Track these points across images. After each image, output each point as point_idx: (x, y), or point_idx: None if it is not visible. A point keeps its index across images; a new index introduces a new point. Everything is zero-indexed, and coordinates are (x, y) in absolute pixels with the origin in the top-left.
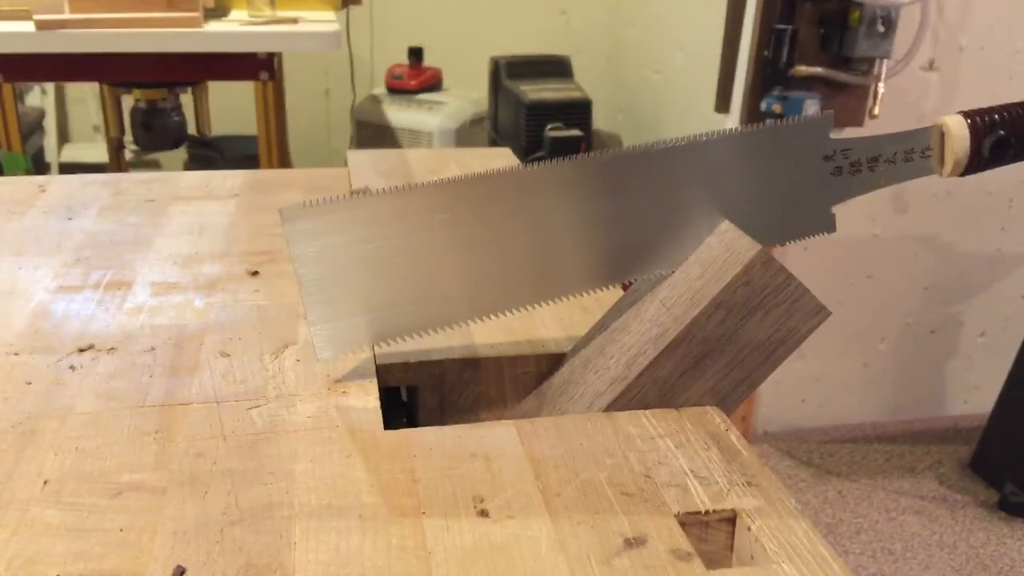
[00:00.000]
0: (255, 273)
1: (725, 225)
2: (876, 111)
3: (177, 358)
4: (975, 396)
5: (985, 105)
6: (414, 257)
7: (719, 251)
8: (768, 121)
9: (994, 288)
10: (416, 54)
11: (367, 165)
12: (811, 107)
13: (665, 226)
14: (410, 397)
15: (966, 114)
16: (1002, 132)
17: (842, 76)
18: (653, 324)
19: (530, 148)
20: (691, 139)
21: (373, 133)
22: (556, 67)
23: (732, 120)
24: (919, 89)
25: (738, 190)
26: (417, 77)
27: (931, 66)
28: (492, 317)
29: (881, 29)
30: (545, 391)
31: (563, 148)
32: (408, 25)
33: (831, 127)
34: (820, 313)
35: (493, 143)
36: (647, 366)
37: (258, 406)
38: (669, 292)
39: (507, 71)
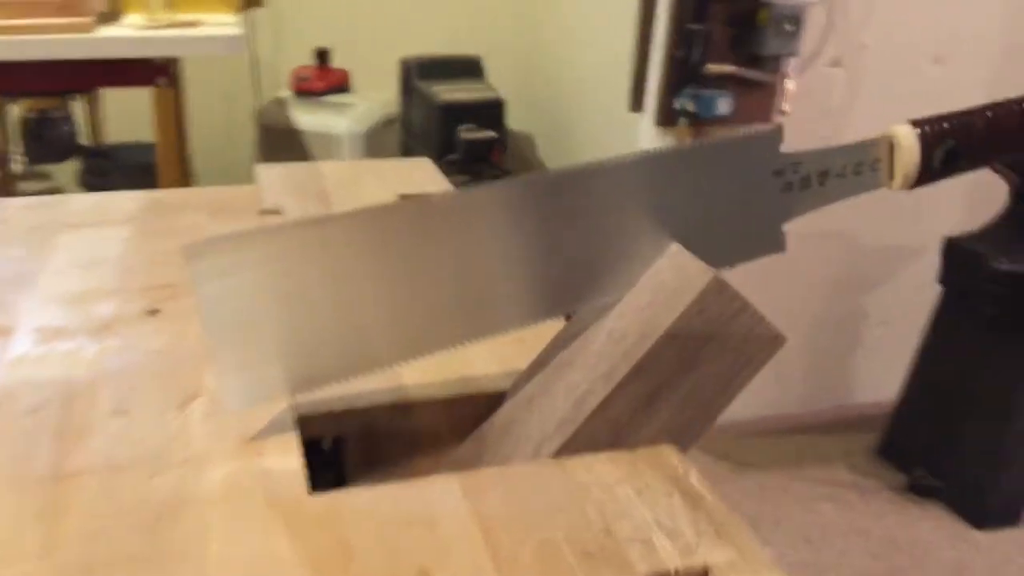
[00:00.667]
0: (155, 312)
1: (675, 248)
2: (786, 108)
3: (65, 419)
4: (881, 384)
5: (887, 101)
6: (334, 296)
7: (669, 276)
8: (717, 136)
9: (896, 279)
10: (322, 55)
11: (277, 181)
12: (723, 105)
13: (609, 251)
14: (335, 449)
15: (915, 123)
16: (953, 142)
17: (752, 74)
18: (601, 358)
19: (443, 150)
20: (635, 156)
21: (278, 137)
22: (468, 67)
23: (646, 119)
24: (825, 86)
25: (686, 210)
26: (324, 79)
27: (836, 63)
28: (422, 358)
29: (789, 28)
30: (486, 433)
31: (477, 149)
32: (313, 26)
33: (781, 141)
34: (776, 340)
35: (405, 145)
36: (598, 406)
37: (161, 473)
38: (617, 322)
39: (418, 72)
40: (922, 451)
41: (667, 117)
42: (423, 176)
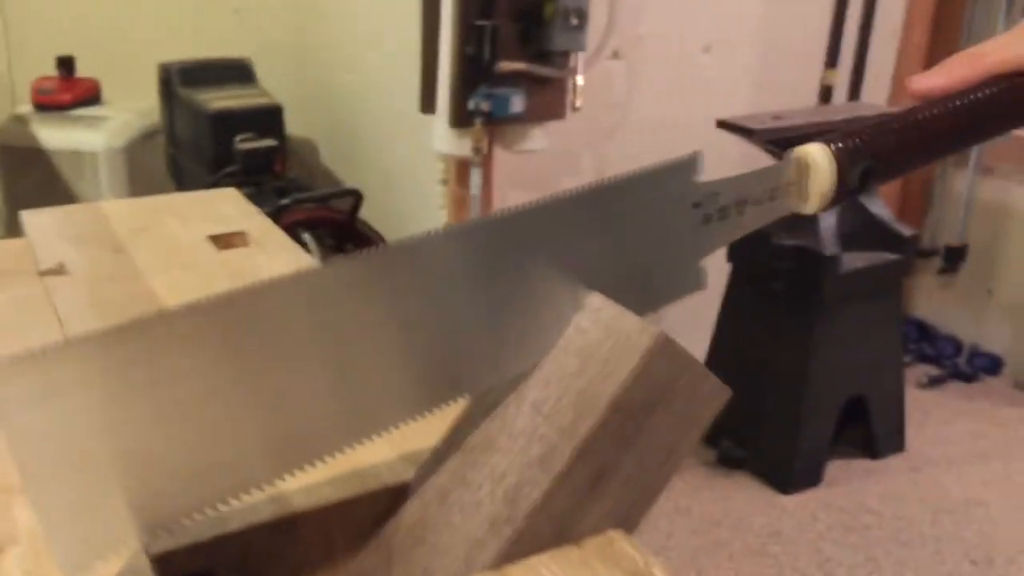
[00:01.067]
0: None
1: (597, 300)
2: (578, 103)
3: None
4: None
5: (664, 90)
6: (181, 414)
7: (598, 335)
8: (628, 172)
9: None
10: (66, 64)
11: (51, 230)
12: (517, 103)
13: (514, 314)
14: None
15: (827, 141)
16: (869, 161)
17: (543, 71)
18: (531, 439)
19: (218, 163)
20: (535, 204)
21: (22, 159)
22: (236, 71)
23: (440, 120)
24: (607, 78)
25: (599, 255)
26: (70, 90)
27: (615, 55)
28: (297, 472)
29: (574, 22)
30: (390, 539)
31: (257, 160)
32: (52, 32)
33: (699, 169)
34: (721, 393)
35: (172, 160)
36: (539, 501)
37: None
38: (541, 393)
39: (180, 78)
40: (727, 423)
41: (461, 118)
42: (231, 209)
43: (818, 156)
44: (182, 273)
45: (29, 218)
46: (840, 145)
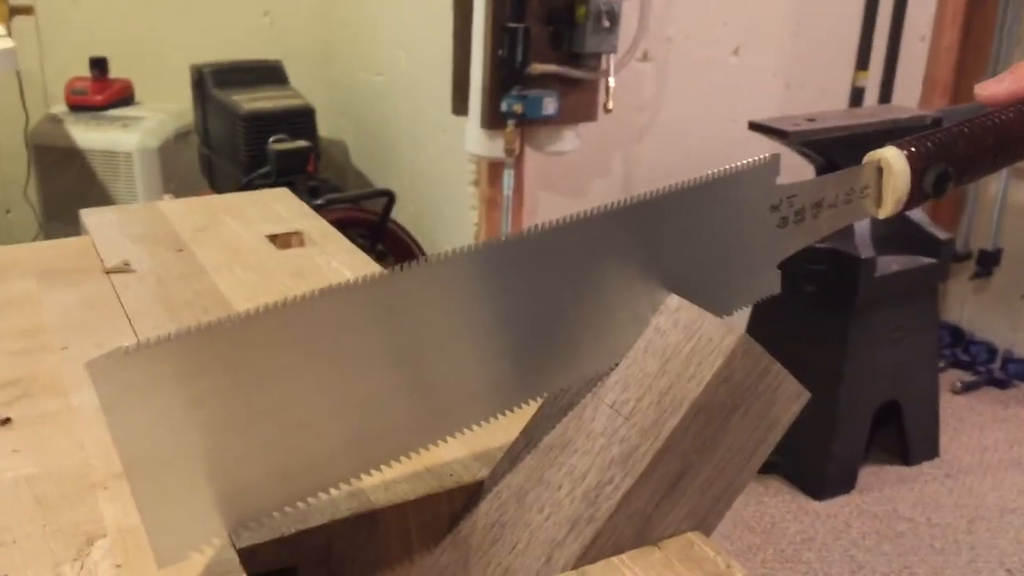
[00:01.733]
0: (5, 421)
1: (675, 302)
2: (610, 105)
3: None
4: None
5: (693, 92)
6: (272, 409)
7: (678, 337)
8: (709, 172)
9: None
10: (99, 65)
11: (114, 229)
12: (550, 105)
13: (591, 316)
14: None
15: (900, 146)
16: (944, 164)
17: (575, 73)
18: (611, 439)
19: (252, 163)
20: (613, 206)
21: (57, 159)
22: (268, 73)
23: (472, 122)
24: (636, 81)
25: (678, 257)
26: (104, 91)
27: (645, 57)
28: (378, 471)
29: (606, 24)
30: (467, 537)
31: (290, 161)
32: (85, 33)
33: (778, 172)
34: (801, 397)
35: (205, 160)
36: (620, 500)
37: None
38: (621, 395)
39: (214, 80)
40: None
41: (494, 119)
42: (286, 209)
43: (894, 160)
44: (244, 272)
45: (90, 217)
46: (915, 149)
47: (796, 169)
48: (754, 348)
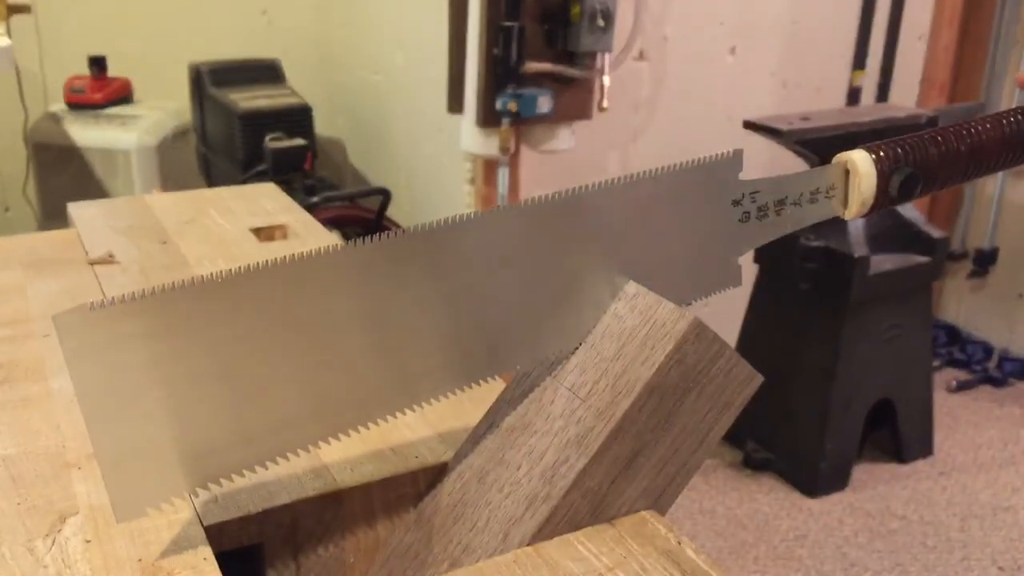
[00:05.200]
0: None
1: (633, 288)
2: (605, 104)
3: None
4: None
5: (688, 91)
6: (236, 371)
7: (634, 322)
8: (671, 164)
9: None
10: (98, 63)
11: (99, 221)
12: (545, 103)
13: (552, 297)
14: (249, 557)
15: (869, 149)
16: (910, 169)
17: (570, 71)
18: (568, 421)
19: (249, 161)
20: (577, 191)
21: (56, 157)
22: (266, 72)
23: (467, 120)
24: (632, 79)
25: (639, 245)
26: (102, 89)
27: (641, 56)
28: (343, 436)
29: (601, 23)
30: (431, 517)
31: (287, 159)
32: (83, 32)
33: (740, 167)
34: (753, 380)
35: (203, 158)
36: (575, 479)
37: None
38: (579, 377)
39: (211, 78)
40: (753, 425)
41: (489, 117)
42: (271, 203)
43: (861, 163)
44: (227, 264)
45: (76, 210)
46: (883, 154)
47: (793, 168)
48: (706, 332)
